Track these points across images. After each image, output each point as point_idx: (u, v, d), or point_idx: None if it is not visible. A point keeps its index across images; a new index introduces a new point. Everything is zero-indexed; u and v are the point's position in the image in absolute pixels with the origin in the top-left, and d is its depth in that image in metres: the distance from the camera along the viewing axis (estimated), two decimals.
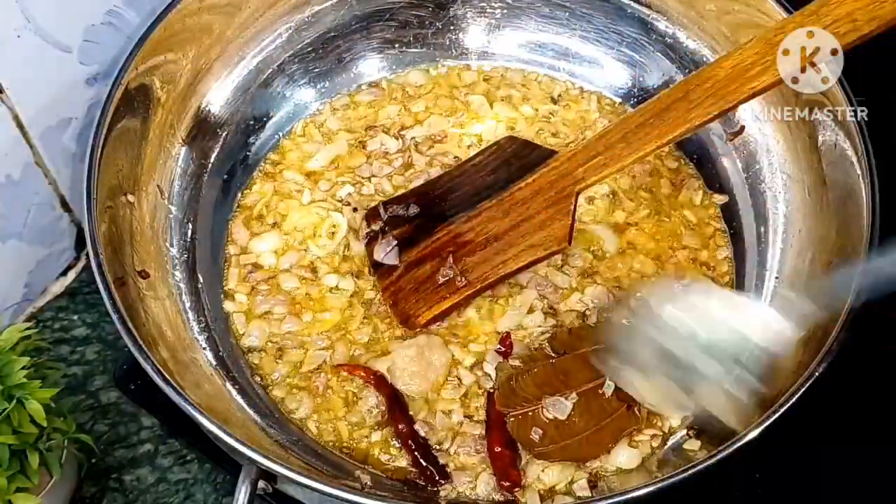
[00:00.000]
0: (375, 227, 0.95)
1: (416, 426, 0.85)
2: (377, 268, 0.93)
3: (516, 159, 0.94)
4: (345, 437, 0.85)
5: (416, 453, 0.83)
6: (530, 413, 0.83)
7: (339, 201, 0.99)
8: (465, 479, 0.83)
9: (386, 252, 0.92)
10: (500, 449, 0.83)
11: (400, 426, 0.84)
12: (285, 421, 0.86)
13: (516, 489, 0.82)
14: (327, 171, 1.02)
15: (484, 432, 0.85)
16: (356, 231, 0.97)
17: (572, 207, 0.87)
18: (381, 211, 0.95)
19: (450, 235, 0.91)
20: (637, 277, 0.94)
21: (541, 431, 0.82)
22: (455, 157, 1.02)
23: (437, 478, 0.82)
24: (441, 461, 0.84)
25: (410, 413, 0.86)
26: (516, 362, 0.87)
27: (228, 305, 0.93)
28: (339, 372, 0.88)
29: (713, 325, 0.76)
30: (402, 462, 0.84)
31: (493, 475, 0.83)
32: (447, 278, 0.89)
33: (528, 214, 0.88)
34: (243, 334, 0.91)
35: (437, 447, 0.85)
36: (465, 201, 0.93)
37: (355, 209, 0.98)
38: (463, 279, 0.89)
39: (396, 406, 0.85)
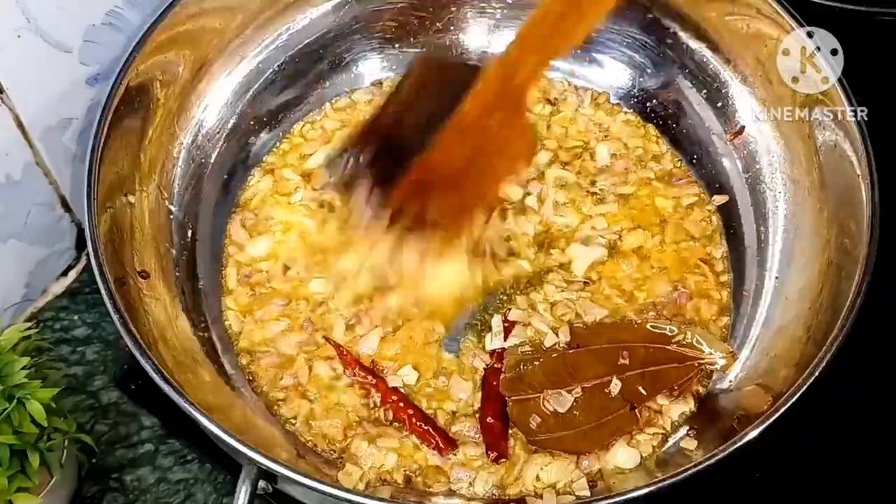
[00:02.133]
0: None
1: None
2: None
3: (443, 80, 0.83)
4: (339, 437, 0.85)
5: (423, 426, 0.84)
6: (532, 401, 0.83)
7: (324, 204, 0.99)
8: (472, 453, 0.83)
9: (367, 202, 0.80)
10: (491, 420, 0.84)
11: (409, 412, 0.85)
12: (281, 422, 0.86)
13: (502, 460, 0.83)
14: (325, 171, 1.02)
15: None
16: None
17: (527, 120, 0.82)
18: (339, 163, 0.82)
19: (420, 173, 0.79)
20: (636, 280, 0.94)
21: (539, 419, 0.83)
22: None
23: (443, 446, 0.83)
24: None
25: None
26: (526, 348, 0.88)
27: (227, 305, 0.93)
28: (347, 366, 0.88)
29: None
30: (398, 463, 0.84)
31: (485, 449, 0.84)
32: (435, 218, 0.80)
33: (488, 136, 0.80)
34: (240, 334, 0.91)
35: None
36: (417, 136, 0.80)
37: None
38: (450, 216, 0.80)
39: (398, 396, 0.86)
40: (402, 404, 0.86)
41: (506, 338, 0.89)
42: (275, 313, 0.92)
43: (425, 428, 0.84)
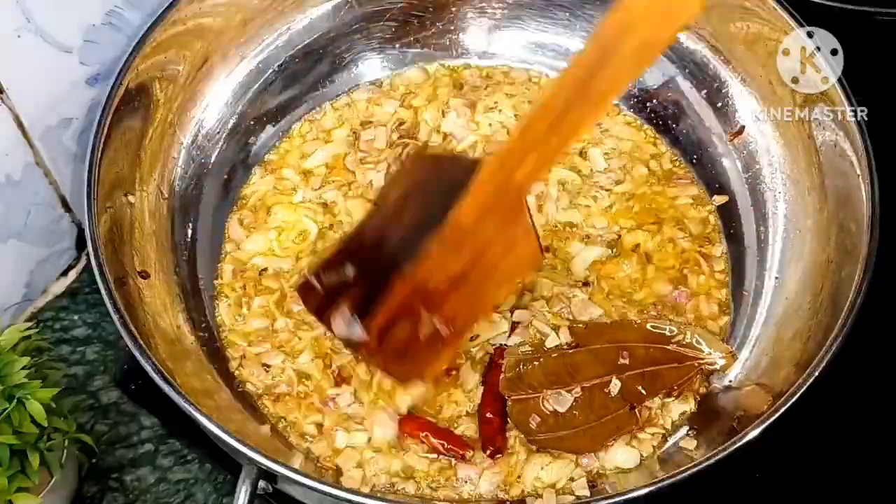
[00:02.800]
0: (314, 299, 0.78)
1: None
2: (346, 342, 0.78)
3: (436, 180, 0.77)
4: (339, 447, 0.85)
5: (439, 441, 0.84)
6: (532, 401, 0.84)
7: (326, 205, 0.99)
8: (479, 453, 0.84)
9: (348, 326, 0.75)
10: (490, 415, 0.84)
11: (422, 434, 0.84)
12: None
13: (498, 455, 0.83)
14: (324, 172, 1.02)
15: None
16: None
17: (530, 223, 0.75)
18: (315, 282, 0.76)
19: (409, 287, 0.73)
20: (636, 279, 0.94)
21: (539, 419, 0.83)
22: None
23: (461, 451, 0.83)
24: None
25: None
26: (526, 348, 0.88)
27: (221, 303, 0.93)
28: (410, 434, 0.85)
29: None
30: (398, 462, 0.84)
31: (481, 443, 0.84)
32: (431, 333, 0.75)
33: (486, 242, 0.74)
34: (230, 328, 0.91)
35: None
36: (406, 245, 0.74)
37: (331, 226, 0.97)
38: (448, 328, 0.75)
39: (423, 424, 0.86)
40: (423, 433, 0.85)
41: (510, 335, 0.89)
42: (265, 311, 0.92)
43: (440, 442, 0.84)
